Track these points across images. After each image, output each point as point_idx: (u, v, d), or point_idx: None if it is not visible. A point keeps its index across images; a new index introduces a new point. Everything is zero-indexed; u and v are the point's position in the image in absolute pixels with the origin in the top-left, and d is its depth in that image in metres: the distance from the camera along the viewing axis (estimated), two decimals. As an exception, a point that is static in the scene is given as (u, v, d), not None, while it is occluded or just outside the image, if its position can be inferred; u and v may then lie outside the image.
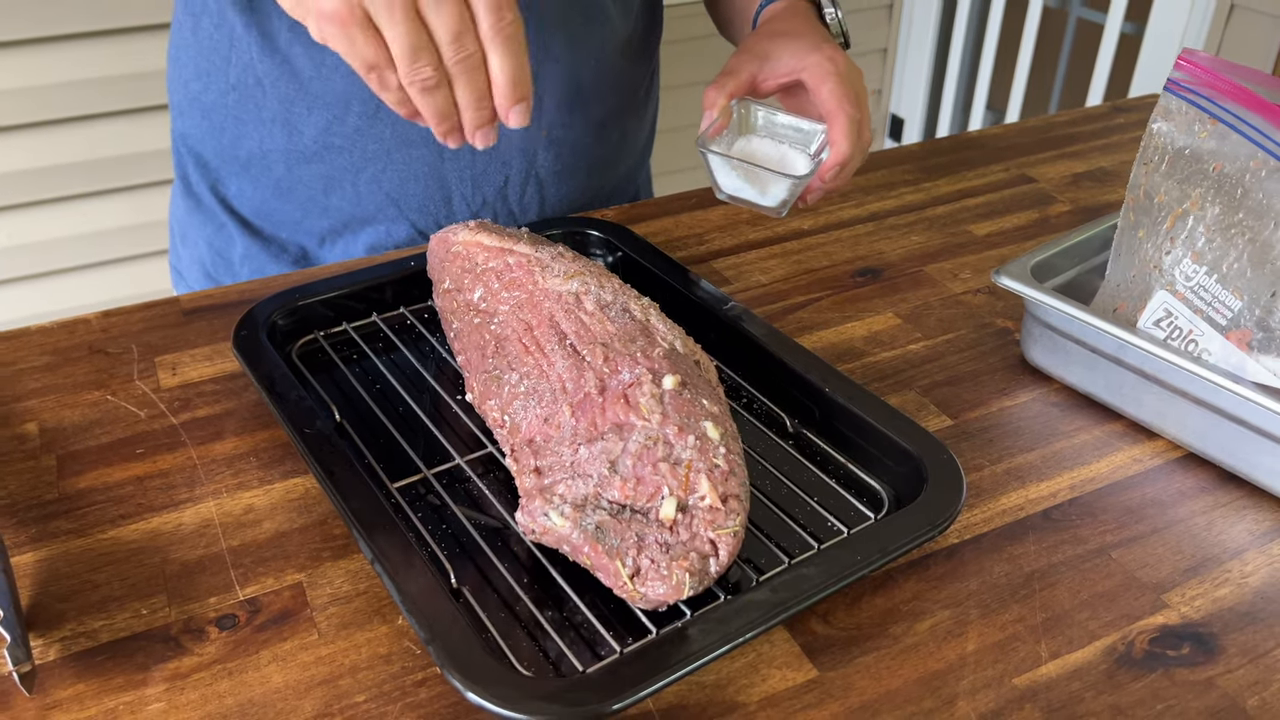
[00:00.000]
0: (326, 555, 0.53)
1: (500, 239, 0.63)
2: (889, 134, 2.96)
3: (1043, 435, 0.62)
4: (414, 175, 0.81)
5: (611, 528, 0.48)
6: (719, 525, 0.48)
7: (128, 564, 0.52)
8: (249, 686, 0.46)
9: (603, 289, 0.59)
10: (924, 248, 0.81)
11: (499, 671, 0.43)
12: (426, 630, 0.44)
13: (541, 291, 0.59)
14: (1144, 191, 0.61)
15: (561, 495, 0.50)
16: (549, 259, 0.61)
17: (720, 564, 0.48)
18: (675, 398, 0.52)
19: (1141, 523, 0.56)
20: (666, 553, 0.48)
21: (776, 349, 0.63)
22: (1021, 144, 0.99)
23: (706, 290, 0.68)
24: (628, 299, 0.59)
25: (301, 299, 0.67)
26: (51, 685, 0.46)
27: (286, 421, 0.56)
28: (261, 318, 0.65)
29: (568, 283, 0.59)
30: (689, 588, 0.47)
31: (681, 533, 0.48)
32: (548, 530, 0.49)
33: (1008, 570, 0.53)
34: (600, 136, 0.86)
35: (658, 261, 0.71)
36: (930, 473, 0.54)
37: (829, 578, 0.48)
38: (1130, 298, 0.62)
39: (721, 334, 0.66)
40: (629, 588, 0.47)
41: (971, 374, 0.67)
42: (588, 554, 0.48)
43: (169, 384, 0.65)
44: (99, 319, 0.71)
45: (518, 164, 0.84)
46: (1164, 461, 0.60)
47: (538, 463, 0.52)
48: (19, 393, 0.64)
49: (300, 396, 0.58)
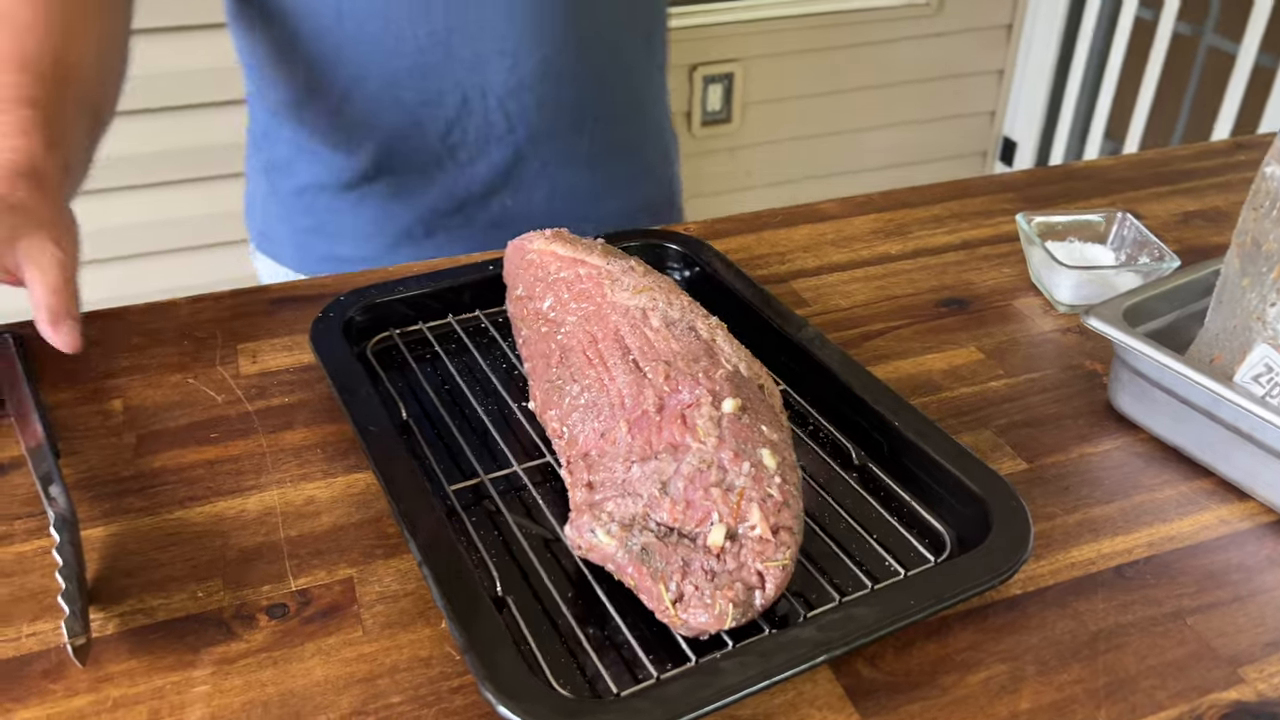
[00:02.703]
0: (379, 553, 0.54)
1: (574, 249, 0.63)
2: (1000, 157, 2.88)
3: (1123, 487, 0.59)
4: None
5: (658, 550, 0.48)
6: (768, 557, 0.47)
7: (191, 545, 0.54)
8: (291, 677, 0.47)
9: (670, 306, 0.59)
10: (1015, 281, 0.78)
11: (532, 687, 0.43)
12: (464, 638, 0.45)
13: (609, 305, 0.59)
14: (1251, 238, 0.58)
15: (610, 513, 0.49)
16: (619, 272, 0.61)
17: (766, 597, 0.47)
18: (734, 422, 0.52)
19: (1223, 589, 0.53)
20: (712, 580, 0.47)
21: (847, 377, 0.61)
22: (1133, 178, 0.95)
23: (780, 311, 0.67)
24: (695, 317, 0.58)
25: (380, 297, 0.68)
26: (106, 659, 0.48)
27: (351, 417, 0.57)
28: (339, 313, 0.66)
29: (636, 297, 0.59)
30: (732, 618, 0.46)
31: (729, 561, 0.47)
32: (594, 547, 0.49)
33: (1072, 627, 0.50)
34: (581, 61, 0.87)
35: (734, 278, 0.71)
36: (996, 518, 0.52)
37: (879, 621, 0.47)
38: (1229, 349, 0.58)
39: (792, 358, 0.64)
40: (671, 613, 0.46)
41: (1053, 417, 0.64)
42: (632, 575, 0.48)
43: (248, 371, 0.67)
44: (189, 303, 0.73)
45: (470, 81, 0.83)
46: (1254, 525, 0.57)
47: (590, 477, 0.52)
48: (110, 369, 0.67)
49: (368, 393, 0.59)
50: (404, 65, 0.83)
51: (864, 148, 2.66)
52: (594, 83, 0.89)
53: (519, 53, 0.83)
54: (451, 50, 0.82)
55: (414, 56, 0.82)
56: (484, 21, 0.81)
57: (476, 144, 0.87)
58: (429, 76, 0.83)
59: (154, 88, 1.82)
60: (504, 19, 0.81)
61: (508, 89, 0.84)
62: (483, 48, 0.82)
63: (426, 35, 0.81)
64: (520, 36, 0.82)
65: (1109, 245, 0.78)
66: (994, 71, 2.74)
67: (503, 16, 0.81)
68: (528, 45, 0.83)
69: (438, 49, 0.82)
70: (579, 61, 0.86)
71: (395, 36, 0.81)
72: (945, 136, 2.79)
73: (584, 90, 0.88)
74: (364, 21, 0.81)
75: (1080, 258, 0.77)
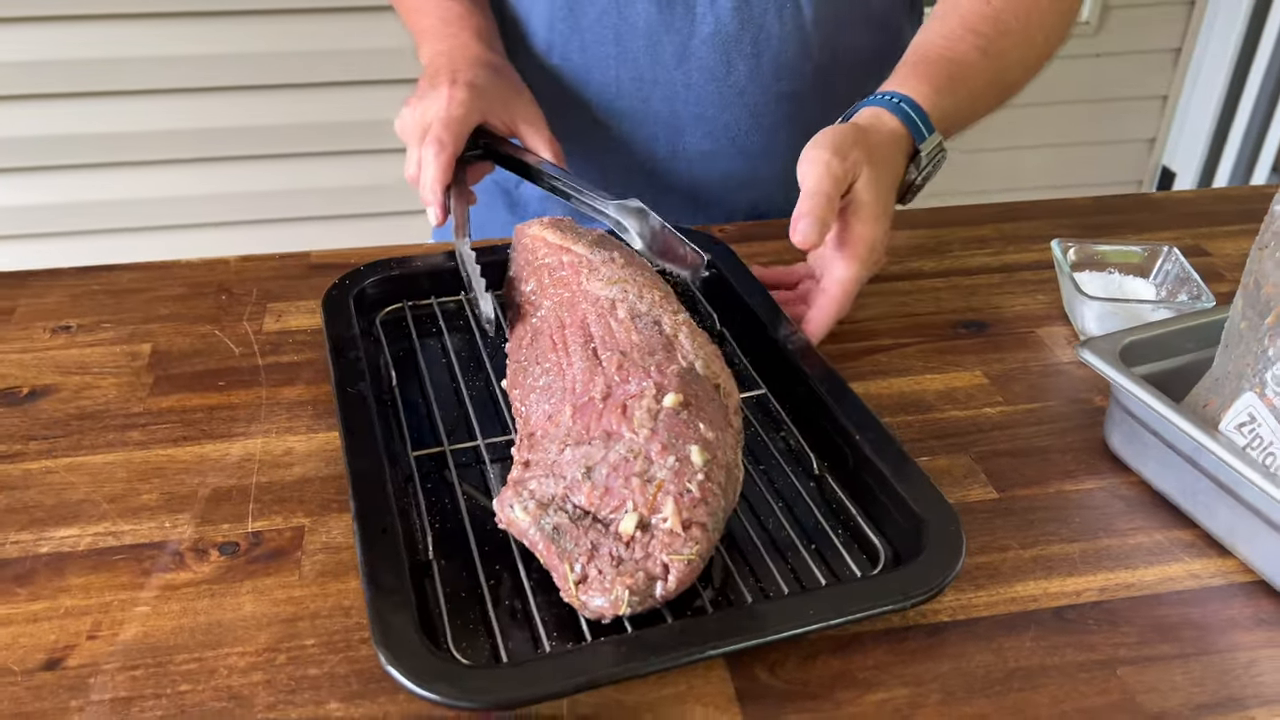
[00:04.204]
0: (335, 507, 0.57)
1: (563, 237, 0.64)
2: (1157, 187, 2.73)
3: (1092, 528, 0.56)
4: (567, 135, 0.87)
5: (568, 531, 0.49)
6: (675, 550, 0.48)
7: (172, 480, 0.58)
8: (222, 609, 0.51)
9: (640, 299, 0.59)
10: (1045, 308, 0.75)
11: (416, 646, 0.45)
12: (371, 589, 0.47)
13: (582, 293, 0.60)
14: (1255, 279, 0.54)
15: (531, 491, 0.51)
16: (599, 262, 0.62)
17: (668, 589, 0.47)
18: (671, 417, 0.52)
19: (1168, 644, 0.50)
20: (616, 566, 0.48)
21: (822, 388, 0.60)
22: (1213, 212, 0.90)
23: (772, 315, 0.66)
24: (663, 312, 0.59)
25: (397, 270, 0.72)
26: (70, 572, 0.52)
27: (335, 377, 0.61)
28: (355, 282, 0.70)
29: (609, 288, 0.60)
30: (628, 605, 0.47)
31: (637, 550, 0.48)
32: (511, 522, 0.50)
33: (990, 661, 0.49)
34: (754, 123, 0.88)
35: (739, 279, 0.71)
36: (930, 541, 0.51)
37: (779, 624, 0.47)
38: (1223, 395, 0.55)
39: (775, 363, 0.64)
40: (572, 593, 0.48)
41: (1041, 449, 0.62)
42: (542, 552, 0.49)
43: (270, 328, 0.71)
44: (237, 261, 0.79)
45: (664, 137, 0.88)
46: (1226, 584, 0.53)
47: (529, 456, 0.54)
48: (149, 315, 0.73)
49: (357, 357, 0.62)
50: (605, 102, 0.88)
51: (1010, 168, 2.56)
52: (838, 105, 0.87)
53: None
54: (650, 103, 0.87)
55: (613, 100, 0.87)
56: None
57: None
58: (624, 122, 0.88)
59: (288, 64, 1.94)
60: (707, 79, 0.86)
61: (700, 152, 0.89)
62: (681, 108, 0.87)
63: (631, 81, 0.86)
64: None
65: (1151, 279, 0.74)
66: (1156, 97, 2.60)
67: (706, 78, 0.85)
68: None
69: (636, 97, 0.87)
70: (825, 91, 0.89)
71: (600, 76, 0.87)
72: (1098, 162, 2.67)
73: (829, 114, 0.81)
74: (569, 53, 0.87)
75: (1118, 290, 0.73)
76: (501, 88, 0.75)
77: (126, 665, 0.48)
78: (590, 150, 0.91)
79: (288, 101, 1.98)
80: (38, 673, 0.47)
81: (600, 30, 0.85)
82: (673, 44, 0.84)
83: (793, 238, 0.63)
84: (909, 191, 0.74)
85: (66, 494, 0.57)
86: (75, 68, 1.90)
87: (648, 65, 0.85)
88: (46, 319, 0.72)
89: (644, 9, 0.83)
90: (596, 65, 0.86)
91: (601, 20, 0.84)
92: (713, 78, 0.86)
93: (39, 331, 0.71)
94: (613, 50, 0.85)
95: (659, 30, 0.84)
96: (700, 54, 0.85)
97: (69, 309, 0.73)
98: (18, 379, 0.66)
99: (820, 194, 0.64)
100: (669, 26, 0.84)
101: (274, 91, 1.97)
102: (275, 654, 0.48)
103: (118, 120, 1.96)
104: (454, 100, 0.70)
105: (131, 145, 1.99)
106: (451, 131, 0.69)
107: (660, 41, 0.84)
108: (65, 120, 1.94)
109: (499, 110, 0.74)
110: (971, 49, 0.75)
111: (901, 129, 0.71)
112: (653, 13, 0.83)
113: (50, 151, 1.97)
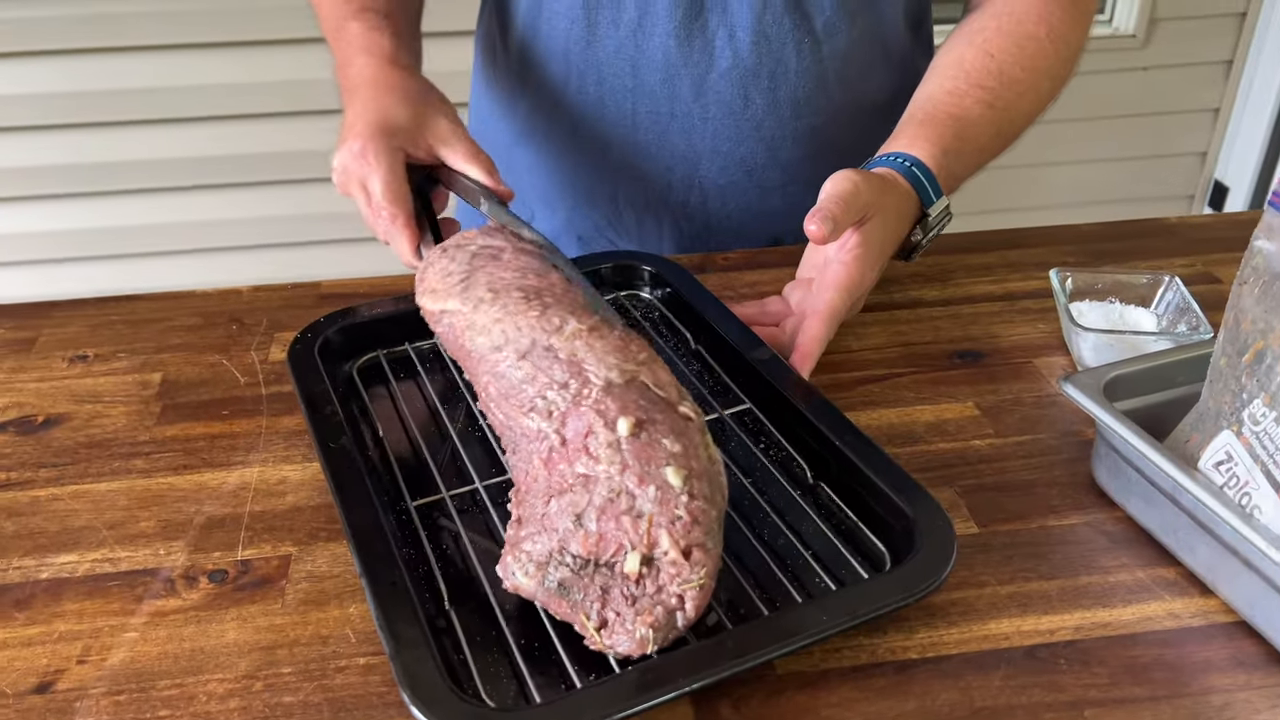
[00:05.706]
0: (323, 536, 0.59)
1: (435, 296, 0.64)
2: (1209, 203, 2.67)
3: (1073, 565, 0.56)
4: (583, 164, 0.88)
5: (574, 584, 0.49)
6: (684, 580, 0.48)
7: (169, 508, 0.61)
8: (207, 636, 0.52)
9: (519, 331, 0.58)
10: (1045, 337, 0.75)
11: (444, 693, 0.45)
12: (392, 644, 0.47)
13: (476, 358, 0.60)
14: (1234, 315, 0.53)
15: (527, 553, 0.51)
16: (471, 309, 0.61)
17: (688, 617, 0.48)
18: (633, 442, 0.52)
19: (1140, 686, 0.49)
20: (632, 606, 0.48)
21: (797, 400, 0.61)
22: (1229, 238, 0.88)
23: (738, 333, 0.67)
24: (547, 334, 0.58)
25: (364, 318, 0.71)
26: (66, 597, 0.55)
27: (313, 434, 0.60)
28: (319, 332, 0.69)
29: (489, 336, 0.59)
30: (654, 642, 0.48)
31: (648, 586, 0.49)
32: (518, 588, 0.51)
33: (954, 700, 0.49)
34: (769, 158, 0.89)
35: (699, 299, 0.72)
36: (922, 539, 0.51)
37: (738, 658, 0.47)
38: (1204, 431, 0.54)
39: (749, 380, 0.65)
40: (596, 639, 0.48)
41: (1027, 483, 0.61)
42: (555, 609, 0.50)
43: (275, 358, 0.74)
44: (249, 291, 0.81)
45: (680, 170, 0.88)
46: (1206, 624, 0.53)
47: (519, 512, 0.53)
48: (161, 345, 0.75)
49: (333, 411, 0.61)
50: (621, 134, 0.89)
51: (1058, 183, 2.53)
52: (857, 140, 0.88)
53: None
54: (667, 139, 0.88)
55: (630, 132, 0.89)
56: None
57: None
58: (639, 155, 0.90)
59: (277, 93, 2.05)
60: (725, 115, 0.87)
61: (716, 186, 0.90)
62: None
63: (648, 114, 0.88)
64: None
65: (1153, 309, 0.73)
66: (1208, 110, 2.55)
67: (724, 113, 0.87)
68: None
69: (653, 130, 0.88)
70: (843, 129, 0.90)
71: (615, 109, 0.88)
72: (1148, 177, 2.62)
73: (846, 157, 0.83)
74: (585, 85, 0.88)
75: (1118, 320, 0.73)
76: (407, 115, 0.73)
77: (112, 690, 0.50)
78: (605, 181, 0.92)
79: (306, 127, 2.06)
80: (28, 696, 0.49)
81: (618, 63, 0.86)
82: (690, 77, 0.85)
83: (807, 226, 0.64)
84: (914, 251, 0.75)
85: (70, 520, 0.60)
86: (104, 98, 2.03)
87: (665, 98, 0.86)
88: (65, 348, 0.75)
89: (662, 43, 0.84)
90: (612, 97, 0.87)
91: (619, 53, 0.86)
92: (730, 112, 0.86)
93: (57, 360, 0.74)
94: (630, 83, 0.86)
95: (677, 64, 0.85)
96: (718, 88, 0.85)
97: (87, 338, 0.76)
98: (34, 407, 0.69)
99: (842, 199, 0.66)
100: (687, 60, 0.85)
101: (294, 118, 2.07)
102: (253, 681, 0.50)
103: (140, 148, 2.09)
104: (373, 164, 0.70)
105: (154, 172, 2.11)
106: (393, 197, 0.70)
107: (678, 75, 0.85)
108: (92, 149, 2.08)
109: (413, 143, 0.73)
110: (977, 104, 0.76)
111: (912, 193, 0.72)
112: (671, 46, 0.84)
113: (75, 179, 2.10)
